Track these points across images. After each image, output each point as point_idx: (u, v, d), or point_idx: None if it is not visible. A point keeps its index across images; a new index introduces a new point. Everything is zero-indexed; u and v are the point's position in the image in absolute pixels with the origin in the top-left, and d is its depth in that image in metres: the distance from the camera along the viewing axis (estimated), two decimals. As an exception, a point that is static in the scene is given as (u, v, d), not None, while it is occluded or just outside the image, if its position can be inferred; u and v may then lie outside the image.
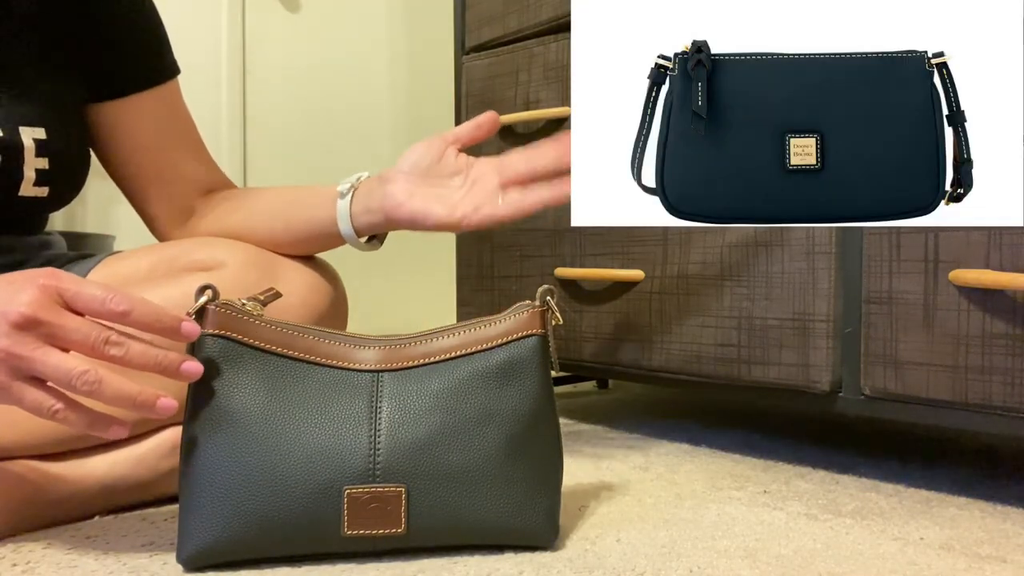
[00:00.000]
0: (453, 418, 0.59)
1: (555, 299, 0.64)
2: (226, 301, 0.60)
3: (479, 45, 1.20)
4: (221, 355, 0.59)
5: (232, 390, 0.58)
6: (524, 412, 0.61)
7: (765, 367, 0.86)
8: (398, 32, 2.06)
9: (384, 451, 0.58)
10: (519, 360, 0.62)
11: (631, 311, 0.98)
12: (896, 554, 0.63)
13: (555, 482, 0.64)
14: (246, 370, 0.59)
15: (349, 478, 0.57)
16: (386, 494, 0.57)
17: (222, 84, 1.76)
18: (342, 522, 0.57)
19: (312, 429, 0.58)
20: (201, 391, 0.58)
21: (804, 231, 0.82)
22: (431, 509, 0.58)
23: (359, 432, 0.58)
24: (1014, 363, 0.69)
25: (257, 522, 0.56)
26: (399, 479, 0.57)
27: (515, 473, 0.60)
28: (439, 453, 0.58)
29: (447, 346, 0.62)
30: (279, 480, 0.56)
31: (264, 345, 0.60)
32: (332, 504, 0.57)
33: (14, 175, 0.73)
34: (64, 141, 0.76)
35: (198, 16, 1.73)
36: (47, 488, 0.66)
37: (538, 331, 0.63)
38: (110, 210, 1.63)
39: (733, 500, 0.77)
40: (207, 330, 0.59)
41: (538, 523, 0.61)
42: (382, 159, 2.04)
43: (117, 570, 0.58)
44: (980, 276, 0.70)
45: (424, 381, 0.60)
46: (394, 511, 0.57)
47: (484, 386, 0.61)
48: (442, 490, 0.58)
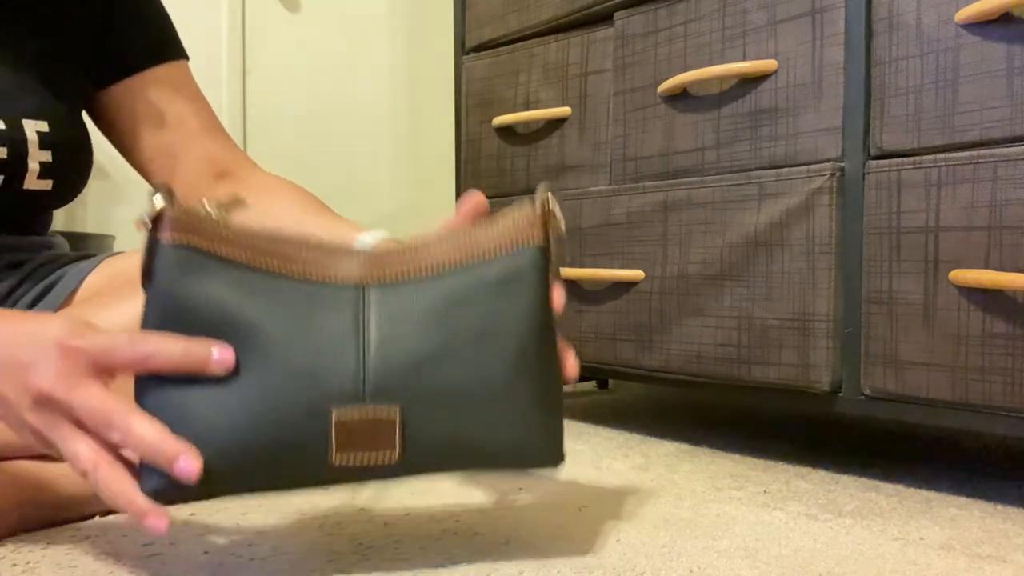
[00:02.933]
0: (448, 334, 0.53)
1: (556, 198, 0.57)
2: (187, 206, 0.52)
3: (479, 45, 1.20)
4: (184, 267, 0.51)
5: (198, 307, 0.51)
6: (524, 327, 0.54)
7: (765, 367, 0.86)
8: (398, 32, 2.06)
9: (374, 370, 0.51)
10: (518, 271, 0.55)
11: (631, 311, 0.98)
12: (896, 554, 0.63)
13: (558, 401, 0.58)
14: (213, 283, 0.51)
15: (336, 400, 0.50)
16: (377, 416, 0.51)
17: (222, 84, 1.76)
18: (330, 449, 0.50)
19: (291, 348, 0.51)
20: (161, 308, 0.51)
21: (804, 231, 0.82)
22: (428, 432, 0.52)
23: (345, 350, 0.51)
24: (1014, 363, 0.69)
25: (234, 452, 0.50)
26: (391, 400, 0.51)
27: (517, 391, 0.54)
28: (434, 371, 0.52)
29: (439, 256, 0.55)
30: (258, 404, 0.50)
31: (233, 255, 0.52)
32: (318, 429, 0.50)
33: (18, 168, 0.73)
34: (67, 133, 0.76)
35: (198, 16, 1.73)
36: (47, 488, 0.66)
37: (538, 239, 0.56)
38: (110, 210, 1.63)
39: (733, 500, 0.77)
40: (166, 239, 0.51)
41: (544, 444, 0.56)
42: (382, 159, 2.04)
43: (117, 570, 0.58)
44: (980, 276, 0.70)
45: (415, 295, 0.54)
46: (387, 434, 0.51)
47: (481, 300, 0.54)
48: (440, 410, 0.52)
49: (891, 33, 0.77)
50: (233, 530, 0.67)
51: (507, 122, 1.13)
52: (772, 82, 0.86)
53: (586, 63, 1.06)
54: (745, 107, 0.88)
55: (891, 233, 0.77)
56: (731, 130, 0.89)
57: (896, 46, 0.77)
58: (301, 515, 0.71)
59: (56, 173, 0.76)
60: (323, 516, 0.71)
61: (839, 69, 0.81)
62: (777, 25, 0.85)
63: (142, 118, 0.83)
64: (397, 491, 0.79)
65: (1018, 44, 0.69)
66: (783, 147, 0.85)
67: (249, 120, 1.81)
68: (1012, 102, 0.70)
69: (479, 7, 1.20)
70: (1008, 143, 0.70)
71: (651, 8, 0.97)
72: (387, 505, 0.74)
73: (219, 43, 1.76)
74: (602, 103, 1.04)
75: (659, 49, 0.97)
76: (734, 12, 0.89)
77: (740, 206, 0.87)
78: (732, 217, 0.88)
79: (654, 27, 0.97)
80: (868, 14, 0.79)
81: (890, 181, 0.77)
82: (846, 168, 0.80)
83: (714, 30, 0.91)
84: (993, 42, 0.71)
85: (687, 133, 0.94)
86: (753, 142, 0.87)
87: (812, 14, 0.82)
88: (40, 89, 0.75)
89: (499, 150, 1.17)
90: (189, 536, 0.65)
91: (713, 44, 0.91)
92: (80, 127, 0.80)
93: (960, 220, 0.72)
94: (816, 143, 0.82)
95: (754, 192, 0.86)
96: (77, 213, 1.61)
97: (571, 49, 1.07)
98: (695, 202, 0.91)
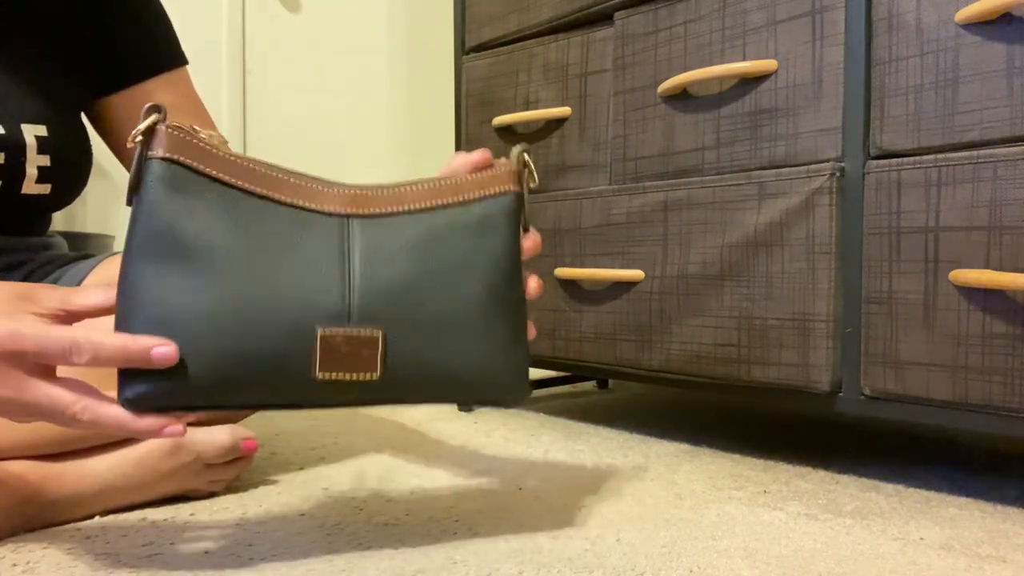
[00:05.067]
0: (428, 266, 0.56)
1: (531, 157, 0.62)
2: (180, 123, 0.54)
3: (479, 45, 1.20)
4: (173, 182, 0.52)
5: (186, 221, 0.52)
6: (499, 266, 0.58)
7: (765, 367, 0.86)
8: (398, 32, 2.06)
9: (359, 292, 0.54)
10: (495, 215, 0.59)
11: (631, 311, 0.98)
12: (896, 554, 0.63)
13: (524, 339, 0.60)
14: (202, 201, 0.53)
15: (322, 318, 0.52)
16: (361, 336, 0.53)
17: (222, 84, 1.76)
18: (313, 364, 0.52)
19: (279, 267, 0.53)
20: (148, 220, 0.52)
21: (804, 231, 0.82)
22: (407, 356, 0.54)
23: (331, 271, 0.54)
24: (1014, 363, 0.69)
25: (219, 362, 0.51)
26: (375, 323, 0.53)
27: (491, 325, 0.57)
28: (417, 298, 0.55)
29: (420, 194, 0.58)
30: (244, 317, 0.51)
31: (222, 176, 0.54)
32: (303, 344, 0.52)
33: (16, 172, 0.73)
34: (65, 138, 0.76)
35: (198, 16, 1.73)
36: (47, 488, 0.66)
37: (514, 188, 0.60)
38: (110, 210, 1.63)
39: (733, 500, 0.77)
40: (156, 153, 0.52)
41: (512, 377, 0.59)
42: (382, 159, 2.04)
43: (117, 570, 0.58)
44: (980, 276, 0.70)
45: (398, 228, 0.57)
46: (369, 355, 0.53)
47: (460, 238, 0.57)
48: (419, 336, 0.55)
49: (891, 33, 0.77)
50: (233, 530, 0.67)
51: (507, 122, 1.13)
52: (772, 82, 0.86)
53: (586, 63, 1.06)
54: (745, 107, 0.88)
55: (891, 233, 0.77)
56: (731, 130, 0.89)
57: (896, 46, 0.77)
58: (301, 515, 0.71)
59: (55, 177, 0.76)
60: (323, 516, 0.71)
61: (839, 69, 0.81)
62: (777, 25, 0.85)
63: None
64: (397, 491, 0.79)
65: (1018, 44, 0.69)
66: (783, 147, 0.85)
67: (249, 120, 1.81)
68: (1012, 102, 0.70)
69: (479, 7, 1.20)
70: (1008, 143, 0.70)
71: (651, 8, 0.97)
72: (387, 505, 0.74)
73: (219, 43, 1.76)
74: (602, 103, 1.04)
75: (659, 49, 0.97)
76: (734, 12, 0.89)
77: (740, 206, 0.87)
78: (732, 217, 0.88)
79: (654, 27, 0.97)
80: (868, 14, 0.79)
81: (890, 181, 0.77)
82: (846, 168, 0.80)
83: (714, 30, 0.91)
84: (993, 42, 0.71)
85: (687, 133, 0.94)
86: (753, 142, 0.87)
87: (812, 14, 0.82)
88: (39, 94, 0.75)
89: (499, 150, 1.17)
90: (189, 536, 0.65)
91: (713, 44, 0.91)
92: (79, 131, 0.80)
93: (960, 220, 0.72)
94: (816, 143, 0.82)
95: (754, 192, 0.86)
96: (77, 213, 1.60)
97: (571, 49, 1.07)
98: (695, 202, 0.91)
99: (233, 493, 0.78)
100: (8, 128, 0.72)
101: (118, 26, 0.82)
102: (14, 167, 0.72)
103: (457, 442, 1.01)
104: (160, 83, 0.84)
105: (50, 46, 0.78)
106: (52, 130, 0.75)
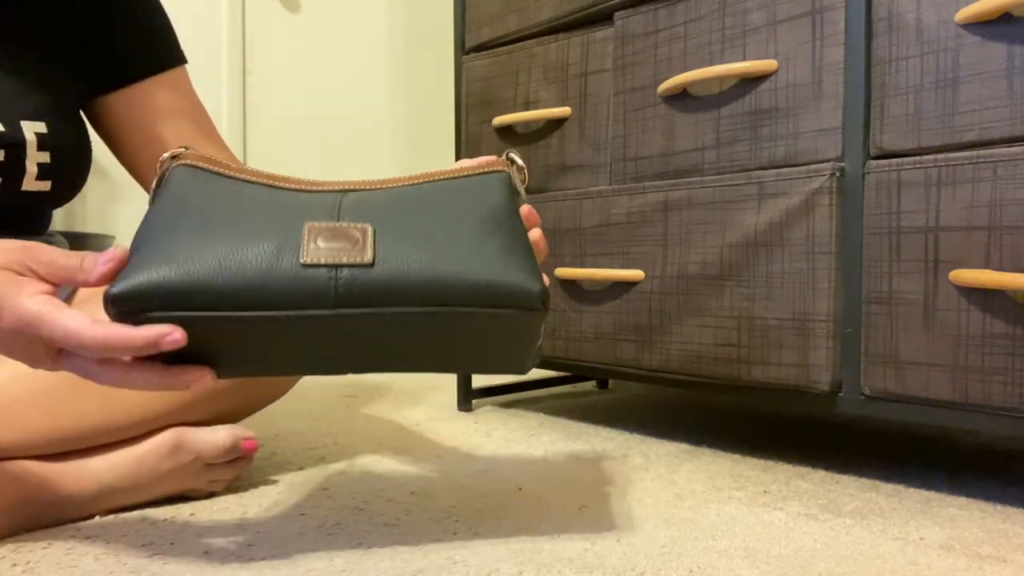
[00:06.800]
0: (424, 215, 0.56)
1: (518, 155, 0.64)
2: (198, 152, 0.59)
3: (479, 45, 1.20)
4: (193, 174, 0.57)
5: (201, 195, 0.55)
6: (495, 214, 0.57)
7: (765, 367, 0.86)
8: (398, 32, 2.06)
9: (348, 206, 0.55)
10: (487, 183, 0.59)
11: (631, 311, 0.98)
12: (896, 554, 0.63)
13: (530, 252, 0.57)
14: (215, 185, 0.57)
15: (311, 218, 0.54)
16: (351, 228, 0.53)
17: (222, 84, 1.76)
18: (301, 249, 0.51)
19: (277, 204, 0.56)
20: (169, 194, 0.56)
21: (804, 231, 0.82)
22: (399, 249, 0.53)
23: (323, 199, 0.56)
24: (1014, 363, 0.69)
25: (211, 262, 0.50)
26: (364, 220, 0.54)
27: (490, 241, 0.55)
28: (406, 216, 0.55)
29: (414, 177, 0.60)
30: (239, 225, 0.53)
31: (235, 175, 0.58)
32: (292, 240, 0.52)
33: (16, 169, 0.73)
34: (65, 135, 0.76)
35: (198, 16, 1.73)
36: (47, 488, 0.66)
37: (504, 168, 0.60)
38: (110, 210, 1.63)
39: (733, 500, 0.77)
40: (179, 162, 0.58)
41: (521, 279, 0.54)
42: (382, 159, 2.04)
43: (117, 570, 0.58)
44: (980, 276, 0.70)
45: (391, 192, 0.58)
46: (360, 239, 0.52)
47: (453, 198, 0.57)
48: (412, 240, 0.53)
49: (891, 33, 0.77)
50: (233, 530, 0.67)
51: (507, 122, 1.13)
52: (772, 82, 0.86)
53: (586, 63, 1.06)
54: (745, 107, 0.88)
55: (891, 233, 0.77)
56: (731, 130, 0.89)
57: (896, 46, 0.77)
58: (301, 515, 0.71)
59: (55, 174, 0.76)
60: (323, 516, 0.71)
61: (839, 69, 0.81)
62: (777, 25, 0.85)
63: (140, 127, 0.83)
64: (397, 491, 0.79)
65: (1018, 44, 0.69)
66: (783, 147, 0.85)
67: (249, 120, 1.81)
68: (1012, 102, 0.70)
69: (479, 7, 1.20)
70: (1008, 143, 0.70)
71: (651, 8, 0.97)
72: (387, 505, 0.74)
73: (219, 43, 1.76)
74: (602, 103, 1.04)
75: (659, 49, 0.97)
76: (734, 12, 0.89)
77: (740, 206, 0.87)
78: (732, 217, 0.88)
79: (654, 27, 0.97)
80: (868, 14, 0.79)
81: (890, 181, 0.77)
82: (846, 168, 0.80)
83: (714, 30, 0.91)
84: (993, 42, 0.71)
85: (687, 133, 0.94)
86: (753, 142, 0.87)
87: (812, 14, 0.82)
88: (39, 91, 0.75)
89: (499, 150, 1.17)
90: (189, 536, 0.65)
91: (713, 44, 0.91)
92: (79, 128, 0.80)
93: (960, 220, 0.72)
94: (816, 143, 0.82)
95: (754, 192, 0.86)
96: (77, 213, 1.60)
97: (571, 49, 1.07)
98: (695, 202, 0.92)
99: (233, 493, 0.78)
100: (8, 125, 0.72)
101: (117, 25, 0.82)
102: (14, 164, 0.72)
103: (457, 442, 1.01)
104: (159, 82, 0.84)
105: (50, 44, 0.78)
106: (52, 127, 0.75)
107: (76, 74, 0.80)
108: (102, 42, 0.81)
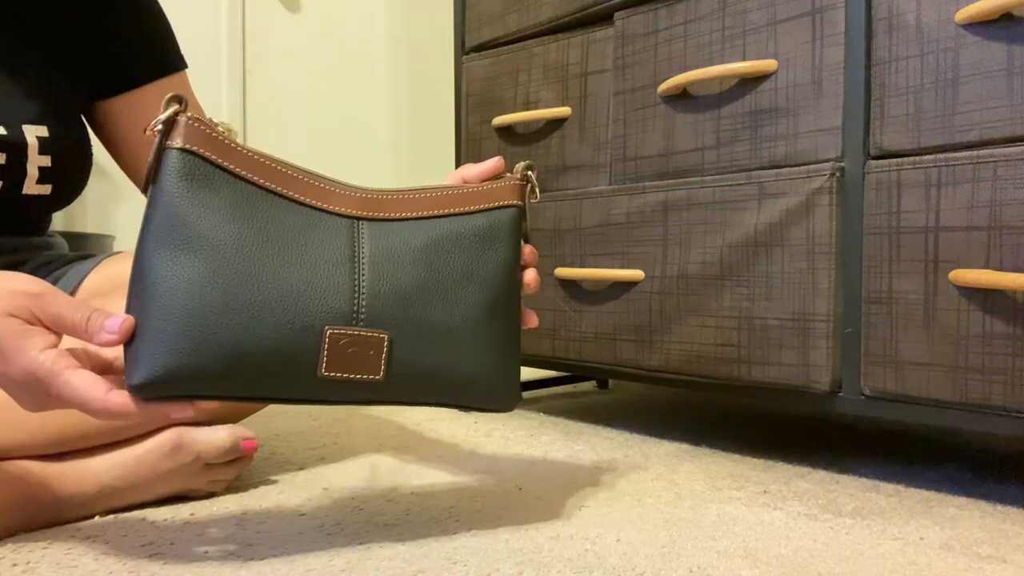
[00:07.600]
0: (436, 273, 0.59)
1: (535, 173, 0.65)
2: (199, 115, 0.55)
3: (479, 45, 1.20)
4: (190, 174, 0.53)
5: (202, 212, 0.53)
6: (500, 277, 0.62)
7: (765, 367, 0.86)
8: (398, 32, 2.06)
9: (368, 295, 0.56)
10: (498, 227, 0.62)
11: (631, 311, 0.98)
12: (896, 554, 0.63)
13: (519, 350, 0.64)
14: (218, 193, 0.54)
15: (331, 318, 0.54)
16: (369, 338, 0.55)
17: (222, 84, 1.76)
18: (320, 362, 0.54)
19: (291, 264, 0.54)
20: (164, 211, 0.53)
21: (804, 231, 0.82)
22: (411, 359, 0.57)
23: (341, 273, 0.56)
24: (1014, 363, 0.69)
25: (227, 353, 0.52)
26: (382, 325, 0.56)
27: (490, 333, 0.61)
28: (423, 304, 0.58)
29: (427, 203, 0.61)
30: (255, 311, 0.52)
31: (238, 170, 0.55)
32: (310, 342, 0.54)
33: (18, 173, 0.73)
34: (66, 139, 0.76)
35: (198, 16, 1.73)
36: (47, 488, 0.66)
37: (517, 202, 0.64)
38: (110, 210, 1.63)
39: (733, 500, 0.77)
40: (175, 143, 0.53)
41: (506, 386, 0.62)
42: (382, 159, 2.04)
43: (117, 570, 0.58)
44: (980, 276, 0.70)
45: (406, 235, 0.59)
46: (375, 357, 0.56)
47: (465, 247, 0.61)
48: (424, 342, 0.58)
49: (891, 33, 0.77)
50: (233, 530, 0.67)
51: (507, 122, 1.13)
52: (772, 82, 0.86)
53: (586, 63, 1.06)
54: (745, 107, 0.88)
55: (891, 233, 0.77)
56: (731, 130, 0.89)
57: (896, 46, 0.77)
58: (301, 515, 0.71)
59: (56, 178, 0.76)
60: (323, 516, 0.71)
61: (839, 69, 0.81)
62: (777, 25, 0.85)
63: (139, 132, 0.83)
64: (397, 491, 0.79)
65: (1018, 44, 0.69)
66: (783, 147, 0.85)
67: (249, 120, 1.81)
68: (1012, 102, 0.70)
69: (479, 7, 1.20)
70: (1008, 143, 0.70)
71: (651, 8, 0.97)
72: (387, 505, 0.74)
73: (219, 44, 1.76)
74: (602, 103, 1.04)
75: (659, 49, 0.97)
76: (734, 12, 0.89)
77: (740, 206, 0.87)
78: (732, 217, 0.88)
79: (654, 27, 0.97)
80: (868, 14, 0.79)
81: (890, 181, 0.77)
82: (846, 168, 0.80)
83: (714, 30, 0.91)
84: (993, 42, 0.71)
85: (687, 133, 0.94)
86: (753, 142, 0.87)
87: (812, 14, 0.82)
88: (40, 95, 0.75)
89: (499, 150, 1.17)
90: (189, 536, 0.65)
91: (713, 44, 0.91)
92: (80, 132, 0.80)
93: (960, 220, 0.72)
94: (816, 143, 0.82)
95: (754, 192, 0.86)
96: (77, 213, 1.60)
97: (571, 49, 1.07)
98: (695, 202, 0.92)
99: (233, 493, 0.78)
100: (10, 129, 0.72)
101: (118, 30, 0.82)
102: (15, 167, 0.73)
103: (457, 442, 1.01)
104: (159, 88, 0.84)
105: (51, 49, 0.78)
106: (53, 131, 0.75)
107: (77, 79, 0.80)
108: (103, 48, 0.81)
